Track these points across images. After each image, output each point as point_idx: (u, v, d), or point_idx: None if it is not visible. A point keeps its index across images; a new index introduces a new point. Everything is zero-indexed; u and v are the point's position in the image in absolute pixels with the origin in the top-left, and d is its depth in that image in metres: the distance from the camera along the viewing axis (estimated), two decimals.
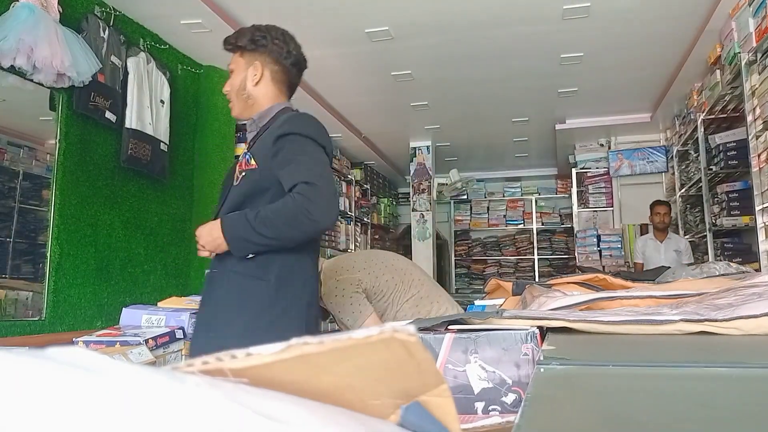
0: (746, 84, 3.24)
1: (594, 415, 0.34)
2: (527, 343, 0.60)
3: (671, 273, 1.96)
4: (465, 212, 8.44)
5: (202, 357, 0.27)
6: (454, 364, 0.60)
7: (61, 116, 2.91)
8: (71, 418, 0.20)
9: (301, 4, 3.43)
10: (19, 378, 0.21)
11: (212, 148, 4.02)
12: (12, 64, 2.49)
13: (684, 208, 5.34)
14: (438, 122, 5.79)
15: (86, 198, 3.05)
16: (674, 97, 4.99)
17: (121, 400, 0.21)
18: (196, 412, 0.22)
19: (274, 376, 0.28)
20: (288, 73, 1.70)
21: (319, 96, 4.98)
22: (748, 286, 0.82)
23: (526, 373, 0.59)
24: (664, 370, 0.45)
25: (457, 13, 3.58)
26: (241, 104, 1.70)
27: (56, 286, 2.84)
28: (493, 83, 4.77)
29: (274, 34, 1.69)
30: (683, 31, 3.85)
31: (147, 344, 1.80)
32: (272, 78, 1.68)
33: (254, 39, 1.66)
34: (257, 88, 1.67)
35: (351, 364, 0.29)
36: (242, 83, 1.67)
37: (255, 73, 1.66)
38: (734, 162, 4.03)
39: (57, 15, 2.72)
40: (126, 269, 3.31)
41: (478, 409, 0.59)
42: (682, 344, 0.59)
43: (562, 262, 8.02)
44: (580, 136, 6.37)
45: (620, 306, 0.87)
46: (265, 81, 1.67)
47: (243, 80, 1.67)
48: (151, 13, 3.39)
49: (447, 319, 0.70)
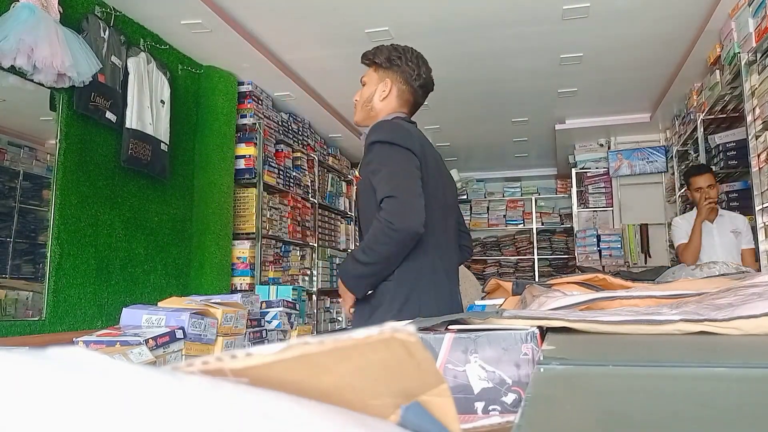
0: (746, 84, 3.24)
1: (594, 415, 0.34)
2: (527, 343, 0.60)
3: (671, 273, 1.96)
4: (465, 212, 8.43)
5: (201, 357, 0.27)
6: (454, 364, 0.60)
7: (62, 116, 2.91)
8: (71, 418, 0.20)
9: (301, 4, 3.42)
10: (19, 378, 0.21)
11: (212, 148, 4.02)
12: (12, 64, 2.49)
13: (684, 208, 5.33)
14: (438, 122, 5.79)
15: (86, 198, 3.05)
16: (674, 97, 4.99)
17: (121, 400, 0.22)
18: (196, 413, 0.22)
19: (274, 376, 0.28)
20: (414, 94, 1.81)
21: (319, 96, 4.98)
22: (748, 286, 0.82)
23: (526, 372, 0.59)
24: (664, 370, 0.45)
25: (457, 13, 3.58)
26: (364, 114, 1.83)
27: (56, 286, 2.84)
28: (493, 83, 4.77)
29: (409, 56, 1.80)
30: (683, 31, 3.85)
31: (147, 344, 1.80)
32: (398, 96, 1.80)
33: (390, 58, 1.79)
34: (382, 103, 1.79)
35: (351, 363, 0.29)
36: (370, 96, 1.80)
37: (384, 89, 1.78)
38: (734, 162, 4.03)
39: (57, 15, 2.72)
40: (126, 269, 3.31)
41: (477, 409, 0.59)
42: (682, 344, 0.59)
43: (562, 262, 8.02)
44: (580, 136, 6.37)
45: (620, 306, 0.87)
46: (391, 97, 1.79)
47: (372, 94, 1.80)
48: (151, 14, 3.39)
49: (447, 319, 0.70)
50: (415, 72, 1.78)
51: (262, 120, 4.53)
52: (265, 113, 4.64)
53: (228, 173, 4.12)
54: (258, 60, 4.02)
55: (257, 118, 4.47)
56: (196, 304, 2.10)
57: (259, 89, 4.57)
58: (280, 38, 3.91)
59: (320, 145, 5.87)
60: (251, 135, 4.40)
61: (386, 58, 1.79)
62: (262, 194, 4.41)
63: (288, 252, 4.86)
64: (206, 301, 2.17)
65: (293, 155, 5.20)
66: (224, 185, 4.04)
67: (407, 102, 1.81)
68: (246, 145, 4.35)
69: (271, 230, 4.53)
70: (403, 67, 1.78)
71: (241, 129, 4.40)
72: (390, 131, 1.65)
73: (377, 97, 1.79)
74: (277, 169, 4.73)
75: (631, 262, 6.16)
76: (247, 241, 4.26)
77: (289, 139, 5.06)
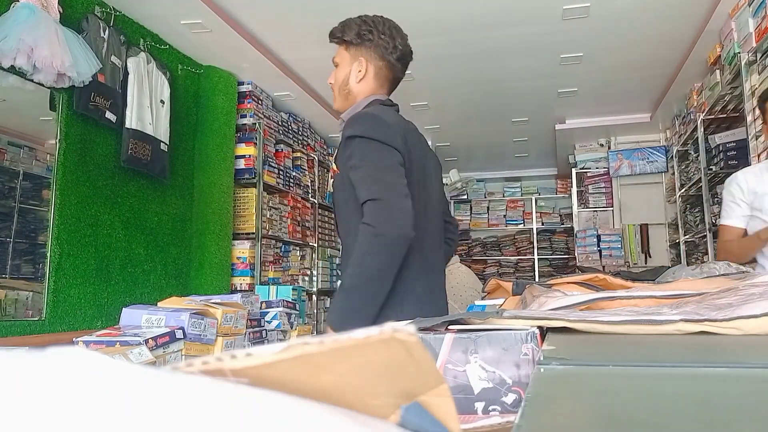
0: (746, 84, 3.24)
1: (594, 415, 0.34)
2: (527, 343, 0.60)
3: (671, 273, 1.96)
4: (465, 212, 8.44)
5: (201, 357, 0.27)
6: (454, 364, 0.60)
7: (62, 116, 2.91)
8: (71, 418, 0.20)
9: (301, 4, 3.42)
10: (19, 378, 0.21)
11: (212, 148, 4.02)
12: (12, 64, 2.49)
13: (684, 208, 5.34)
14: (438, 122, 5.79)
15: (86, 198, 3.05)
16: (674, 97, 4.99)
17: (121, 400, 0.21)
18: (196, 413, 0.22)
19: (274, 376, 0.28)
20: (392, 69, 1.66)
21: (319, 96, 4.98)
22: (749, 286, 0.82)
23: (526, 373, 0.59)
24: (664, 370, 0.45)
25: (457, 13, 3.58)
26: (342, 99, 1.68)
27: (56, 286, 2.84)
28: (493, 83, 4.77)
29: (381, 27, 1.64)
30: (683, 31, 3.85)
31: (147, 344, 1.80)
32: (375, 74, 1.65)
33: (361, 33, 1.62)
34: (359, 85, 1.65)
35: (351, 363, 0.29)
36: (346, 78, 1.65)
37: (360, 70, 1.64)
38: (734, 162, 4.03)
39: (57, 15, 2.72)
40: (126, 269, 3.31)
41: (478, 409, 0.59)
42: (682, 344, 0.59)
43: (562, 262, 8.02)
44: (580, 136, 6.37)
45: (620, 306, 0.87)
46: (368, 77, 1.65)
47: (347, 76, 1.65)
48: (151, 13, 3.39)
49: (447, 319, 0.70)
50: (390, 44, 1.62)
51: (262, 120, 4.53)
52: (265, 113, 4.64)
53: (228, 173, 4.12)
54: (258, 60, 4.02)
55: (257, 118, 4.47)
56: (196, 304, 2.10)
57: (259, 89, 4.57)
58: (280, 38, 3.91)
59: (320, 145, 5.87)
60: (251, 135, 4.40)
61: (356, 33, 1.62)
62: (262, 194, 4.41)
63: (288, 252, 4.86)
64: (206, 301, 2.17)
65: (293, 155, 5.20)
66: (224, 185, 4.04)
67: (386, 79, 1.66)
68: (246, 145, 4.36)
69: (271, 230, 4.53)
70: (377, 41, 1.61)
71: (241, 129, 4.40)
72: (370, 126, 1.49)
73: (353, 80, 1.64)
74: (277, 169, 4.73)
75: (631, 262, 6.16)
76: (247, 241, 4.26)
77: (289, 139, 5.06)
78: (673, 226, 5.88)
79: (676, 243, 5.60)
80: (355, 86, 1.65)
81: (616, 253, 6.25)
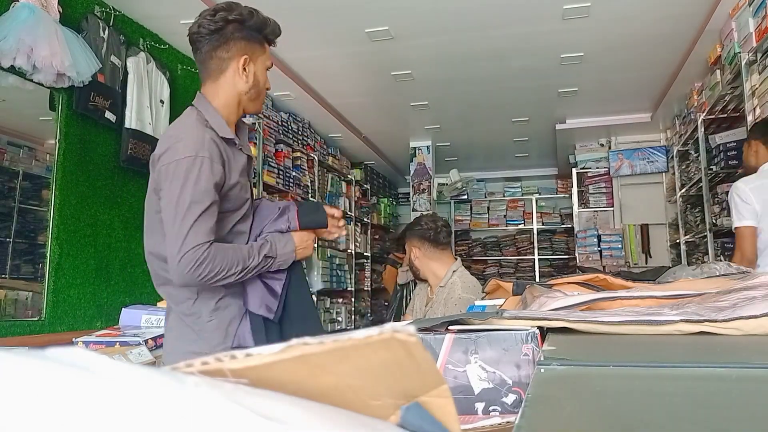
0: (746, 84, 3.24)
1: (594, 415, 0.34)
2: (527, 344, 0.60)
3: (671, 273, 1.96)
4: (465, 212, 8.43)
5: (201, 357, 0.27)
6: (454, 365, 0.60)
7: (61, 116, 2.91)
8: (71, 418, 0.20)
9: (301, 4, 3.42)
10: (19, 378, 0.21)
11: None
12: (12, 64, 2.49)
13: (684, 208, 5.33)
14: (438, 122, 5.79)
15: (86, 198, 3.05)
16: (674, 97, 4.99)
17: (121, 400, 0.21)
18: (196, 413, 0.22)
19: (274, 376, 0.28)
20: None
21: (319, 96, 4.98)
22: (749, 286, 0.81)
23: (526, 373, 0.59)
24: (664, 370, 0.45)
25: (457, 13, 3.58)
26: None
27: (56, 286, 2.83)
28: (493, 83, 4.77)
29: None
30: (683, 31, 3.85)
31: (146, 344, 1.80)
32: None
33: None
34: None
35: (351, 364, 0.29)
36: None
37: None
38: (734, 162, 4.03)
39: (57, 15, 2.72)
40: (126, 269, 3.31)
41: (478, 409, 0.59)
42: (682, 344, 0.59)
43: (563, 262, 8.01)
44: (580, 136, 6.36)
45: (621, 306, 0.87)
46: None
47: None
48: (151, 13, 3.39)
49: (447, 319, 0.70)
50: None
51: (262, 120, 4.53)
52: (265, 113, 4.64)
53: None
54: None
55: (257, 117, 4.47)
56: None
57: None
58: (280, 38, 3.90)
59: (320, 145, 5.87)
60: (251, 135, 4.39)
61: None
62: (262, 194, 4.41)
63: None
64: None
65: (293, 155, 5.20)
66: None
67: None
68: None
69: None
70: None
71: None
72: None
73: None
74: (276, 169, 4.73)
75: (631, 262, 6.16)
76: None
77: (288, 138, 5.06)
78: (673, 226, 5.88)
79: (677, 243, 5.59)
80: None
81: (616, 253, 6.24)
